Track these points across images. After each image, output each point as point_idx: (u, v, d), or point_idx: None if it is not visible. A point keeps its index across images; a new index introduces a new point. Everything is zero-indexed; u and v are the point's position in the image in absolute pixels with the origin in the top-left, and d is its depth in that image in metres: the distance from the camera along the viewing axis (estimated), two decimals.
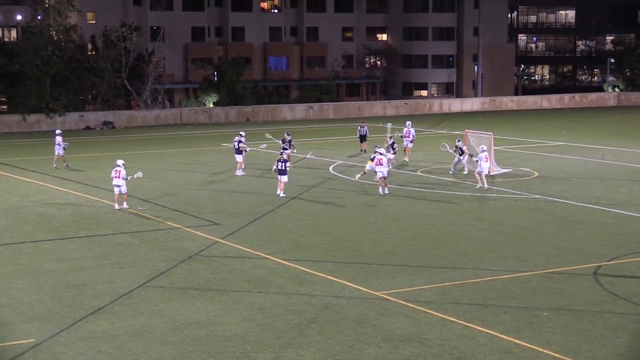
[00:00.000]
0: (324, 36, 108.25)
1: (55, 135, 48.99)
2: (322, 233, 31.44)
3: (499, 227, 32.32)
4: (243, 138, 45.16)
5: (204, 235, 30.98)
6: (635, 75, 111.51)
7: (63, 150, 48.34)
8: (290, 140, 48.46)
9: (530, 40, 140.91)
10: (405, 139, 50.30)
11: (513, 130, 66.80)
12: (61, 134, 49.31)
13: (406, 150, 49.99)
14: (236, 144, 44.80)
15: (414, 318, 21.68)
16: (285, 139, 48.17)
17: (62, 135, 49.34)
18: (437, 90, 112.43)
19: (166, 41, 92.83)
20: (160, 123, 77.47)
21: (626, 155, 52.98)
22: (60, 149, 48.28)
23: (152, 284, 24.90)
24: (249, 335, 20.51)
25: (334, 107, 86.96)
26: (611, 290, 24.14)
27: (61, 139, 48.48)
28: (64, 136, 49.48)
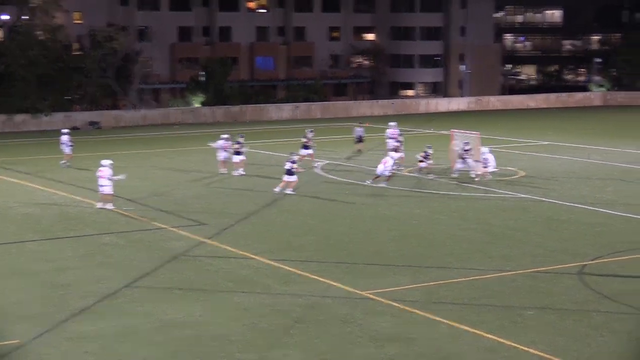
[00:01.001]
0: (311, 36, 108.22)
1: (62, 135, 49.02)
2: (308, 233, 31.46)
3: (485, 227, 32.39)
4: (242, 139, 45.27)
5: (190, 236, 30.96)
6: (621, 75, 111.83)
7: (70, 149, 48.35)
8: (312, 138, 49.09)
9: (517, 40, 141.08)
10: (390, 140, 49.93)
11: (499, 130, 66.93)
12: (69, 133, 49.33)
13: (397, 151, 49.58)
14: (237, 146, 44.84)
15: (400, 318, 21.72)
16: (307, 135, 48.90)
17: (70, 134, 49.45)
18: (424, 89, 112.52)
19: (153, 41, 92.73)
20: (147, 123, 77.33)
21: (612, 154, 53.15)
22: (68, 148, 48.24)
23: (138, 284, 24.87)
24: (235, 336, 20.50)
25: (321, 107, 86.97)
26: (596, 289, 24.23)
27: (68, 139, 48.45)
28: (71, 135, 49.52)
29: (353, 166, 48.22)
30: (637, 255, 28.20)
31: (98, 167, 36.32)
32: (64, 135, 48.89)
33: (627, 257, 27.93)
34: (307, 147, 48.02)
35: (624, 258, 27.77)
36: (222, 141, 45.23)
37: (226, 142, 45.15)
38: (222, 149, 45.16)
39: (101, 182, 35.58)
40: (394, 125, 51.13)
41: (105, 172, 35.56)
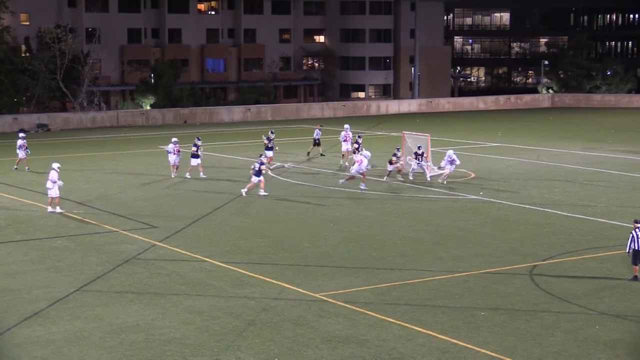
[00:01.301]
0: (262, 38, 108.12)
1: (18, 138, 48.40)
2: (260, 235, 31.40)
3: (435, 228, 32.57)
4: (199, 142, 44.89)
5: (141, 239, 30.75)
6: (569, 77, 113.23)
7: (25, 153, 47.70)
8: (273, 139, 48.73)
9: (466, 42, 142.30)
10: (344, 142, 49.84)
11: (450, 132, 67.36)
12: (25, 137, 48.69)
13: (345, 154, 49.56)
14: (195, 149, 44.40)
15: (353, 319, 21.76)
16: (270, 137, 48.50)
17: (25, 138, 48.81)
18: (375, 91, 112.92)
19: (102, 43, 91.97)
20: (97, 125, 76.69)
21: (560, 156, 53.75)
22: (22, 151, 47.63)
23: (88, 288, 24.65)
24: (188, 339, 20.41)
25: (272, 109, 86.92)
26: (546, 289, 24.48)
27: (23, 142, 47.80)
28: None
29: (304, 168, 48.22)
30: (586, 255, 28.54)
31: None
32: (21, 140, 48.19)
33: (577, 257, 28.26)
34: (269, 148, 47.61)
35: (574, 258, 28.09)
36: (172, 145, 44.75)
37: (175, 146, 44.66)
38: (172, 153, 44.73)
39: (47, 184, 35.27)
40: (348, 127, 51.07)
41: (51, 175, 35.16)
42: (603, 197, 39.16)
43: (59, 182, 35.38)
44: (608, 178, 44.97)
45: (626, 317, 22.01)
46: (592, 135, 66.08)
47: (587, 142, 61.03)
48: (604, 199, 38.67)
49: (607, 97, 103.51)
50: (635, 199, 38.81)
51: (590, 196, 39.49)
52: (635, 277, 25.12)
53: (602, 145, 59.11)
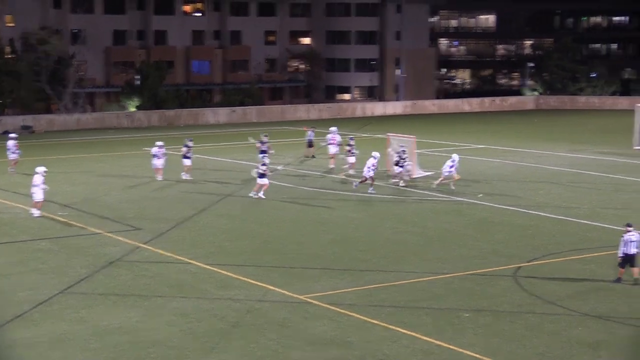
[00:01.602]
0: (247, 40, 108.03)
1: (8, 139, 48.24)
2: (245, 237, 31.39)
3: (420, 230, 32.63)
4: (191, 143, 44.79)
5: (125, 241, 30.70)
6: (553, 79, 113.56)
7: (17, 155, 47.52)
8: (267, 142, 47.94)
9: (452, 44, 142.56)
10: (330, 145, 49.56)
11: (435, 134, 67.46)
12: (16, 138, 48.56)
13: (333, 157, 49.35)
14: (185, 149, 44.31)
15: (338, 321, 21.78)
16: (263, 141, 47.84)
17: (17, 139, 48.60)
18: (360, 93, 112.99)
19: (87, 44, 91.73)
20: (82, 127, 76.45)
21: (544, 157, 53.91)
22: (13, 153, 47.47)
23: (73, 290, 24.59)
24: (172, 341, 20.39)
25: (257, 110, 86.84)
26: (530, 291, 24.56)
27: (13, 144, 47.63)
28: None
29: (292, 170, 48.22)
30: (569, 257, 28.65)
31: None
32: (10, 141, 48.09)
33: (560, 259, 28.36)
34: (263, 152, 46.52)
35: (557, 260, 28.20)
36: (156, 148, 44.26)
37: (160, 149, 44.24)
38: (156, 156, 44.32)
39: (32, 189, 35.04)
40: (335, 130, 50.68)
41: (36, 180, 34.93)
42: (586, 199, 39.32)
43: (42, 185, 35.06)
44: (591, 180, 45.15)
45: (609, 319, 22.11)
46: (576, 137, 66.29)
47: (572, 144, 61.23)
48: (587, 201, 38.82)
49: (592, 99, 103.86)
50: (618, 201, 38.99)
51: (573, 198, 39.64)
52: (619, 279, 25.24)
53: (586, 147, 59.31)
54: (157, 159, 44.23)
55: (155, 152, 44.24)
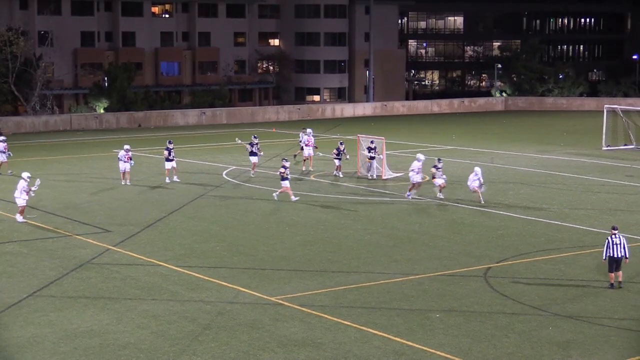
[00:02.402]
0: (216, 41, 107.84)
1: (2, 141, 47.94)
2: (215, 239, 31.32)
3: (391, 231, 32.68)
4: (171, 145, 44.03)
5: (95, 243, 30.52)
6: (522, 80, 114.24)
7: (6, 157, 47.28)
8: (257, 144, 46.59)
9: (420, 45, 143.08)
10: (306, 147, 49.28)
11: (405, 135, 67.65)
12: (5, 140, 48.25)
13: (309, 159, 48.98)
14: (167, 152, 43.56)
15: (309, 322, 21.77)
16: (252, 142, 46.37)
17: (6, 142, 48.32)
18: (330, 95, 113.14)
19: (55, 46, 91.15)
20: (50, 129, 75.99)
21: (513, 158, 54.21)
22: (4, 155, 47.20)
23: (42, 293, 24.41)
24: (143, 343, 20.29)
25: (227, 112, 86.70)
26: (500, 291, 24.67)
27: (3, 146, 47.37)
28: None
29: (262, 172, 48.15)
30: (539, 257, 28.80)
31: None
32: (1, 143, 47.71)
33: (530, 259, 28.51)
34: (253, 154, 46.07)
35: (527, 260, 28.34)
36: (123, 152, 43.51)
37: (127, 153, 43.40)
38: (123, 160, 43.40)
39: (15, 193, 34.45)
40: (310, 132, 50.42)
41: (20, 185, 34.37)
42: (555, 200, 39.57)
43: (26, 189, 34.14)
44: (560, 180, 45.44)
45: (579, 318, 22.25)
46: (545, 138, 66.71)
47: (540, 145, 61.61)
48: (557, 202, 39.07)
49: (560, 101, 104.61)
50: (587, 201, 39.26)
51: (543, 198, 39.87)
52: (612, 284, 24.91)
53: (555, 148, 59.70)
54: (122, 163, 43.57)
55: (121, 156, 43.64)
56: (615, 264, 24.76)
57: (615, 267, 24.79)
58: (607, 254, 24.81)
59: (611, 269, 24.86)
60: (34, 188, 34.63)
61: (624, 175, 47.31)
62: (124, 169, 43.61)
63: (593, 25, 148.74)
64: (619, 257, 24.65)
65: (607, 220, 34.57)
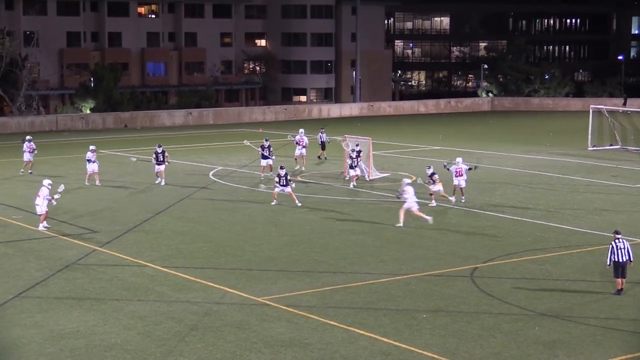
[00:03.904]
0: (203, 42, 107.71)
1: (25, 141, 47.77)
2: (202, 240, 31.27)
3: (377, 232, 32.69)
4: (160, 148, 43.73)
5: (81, 244, 30.44)
6: (508, 80, 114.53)
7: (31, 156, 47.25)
8: (269, 146, 45.63)
9: (407, 46, 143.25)
10: (298, 146, 49.36)
11: (391, 135, 67.70)
12: (31, 140, 48.08)
13: (302, 159, 48.98)
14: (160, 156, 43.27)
15: (295, 323, 21.76)
16: (264, 145, 45.56)
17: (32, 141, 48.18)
18: (316, 95, 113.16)
19: (40, 46, 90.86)
20: (35, 130, 75.69)
21: (500, 159, 54.31)
22: (29, 155, 47.14)
23: (27, 294, 24.33)
24: (129, 344, 20.25)
25: (213, 112, 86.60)
26: (487, 291, 24.71)
27: (28, 145, 47.37)
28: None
29: (248, 172, 48.13)
30: (525, 257, 28.86)
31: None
32: (28, 142, 47.74)
33: (516, 259, 28.56)
34: (265, 157, 45.37)
35: (513, 260, 28.39)
36: (90, 152, 43.38)
37: (94, 154, 43.33)
38: (90, 160, 43.33)
39: (37, 200, 33.57)
40: (302, 132, 50.41)
41: (41, 192, 33.67)
42: (542, 200, 39.66)
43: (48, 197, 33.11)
44: (547, 180, 45.56)
45: (565, 318, 22.30)
46: (531, 139, 66.87)
47: (527, 145, 61.75)
48: (543, 202, 39.16)
49: (545, 101, 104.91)
50: (573, 201, 39.37)
51: (529, 198, 39.96)
52: (619, 290, 24.53)
53: (541, 148, 59.85)
54: (91, 164, 43.31)
55: (89, 157, 43.35)
56: (620, 269, 24.38)
57: (620, 272, 24.41)
58: (611, 259, 24.36)
59: (617, 274, 24.46)
60: (56, 196, 33.64)
61: (609, 175, 47.46)
62: (92, 171, 43.38)
63: (579, 25, 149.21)
64: (624, 261, 24.34)
65: (594, 220, 34.70)
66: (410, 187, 33.76)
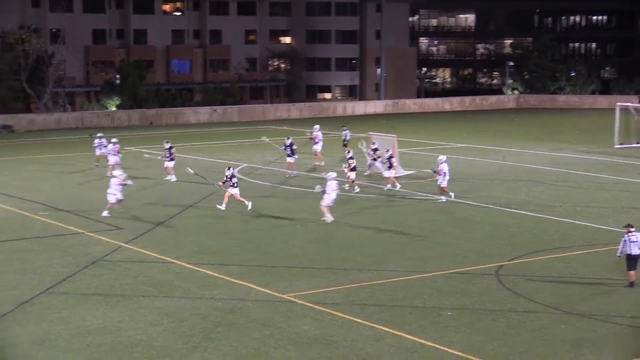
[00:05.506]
0: (227, 39, 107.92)
1: (98, 138, 48.78)
2: (227, 236, 31.34)
3: (403, 229, 32.64)
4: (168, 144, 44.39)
5: (108, 240, 30.58)
6: (533, 78, 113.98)
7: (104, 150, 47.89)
8: (291, 144, 45.48)
9: (432, 43, 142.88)
10: (314, 143, 49.54)
11: (416, 133, 67.57)
12: (102, 136, 49.05)
13: (317, 155, 49.45)
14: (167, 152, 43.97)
15: (321, 320, 21.77)
16: (286, 144, 45.57)
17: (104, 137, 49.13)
18: (341, 92, 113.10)
19: (66, 43, 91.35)
20: (62, 127, 76.15)
21: (525, 156, 54.10)
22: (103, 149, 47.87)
23: (55, 290, 24.48)
24: (155, 341, 20.33)
25: (238, 110, 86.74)
26: (512, 289, 24.63)
27: (99, 142, 48.32)
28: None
29: (272, 169, 48.17)
30: (551, 255, 28.74)
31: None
32: (100, 139, 48.66)
33: (542, 257, 28.45)
34: (290, 155, 45.24)
35: (539, 258, 28.28)
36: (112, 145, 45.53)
37: (115, 146, 45.52)
38: (111, 153, 45.36)
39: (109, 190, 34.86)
40: (317, 128, 50.59)
41: (113, 181, 34.98)
42: (568, 198, 39.47)
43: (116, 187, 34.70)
44: (573, 178, 45.33)
45: (591, 316, 22.20)
46: (557, 136, 66.56)
47: (552, 143, 61.47)
48: (569, 199, 38.97)
49: (572, 98, 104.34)
50: (599, 199, 39.15)
51: (555, 196, 39.78)
52: (631, 283, 24.62)
53: (567, 146, 59.56)
54: (112, 156, 45.29)
55: (110, 150, 45.47)
56: (633, 262, 24.50)
57: (633, 264, 24.54)
58: (622, 250, 24.62)
59: (629, 266, 24.62)
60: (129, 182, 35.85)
61: (636, 173, 47.16)
62: (114, 162, 45.08)
63: (605, 22, 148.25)
64: (637, 254, 24.42)
65: (620, 218, 34.47)
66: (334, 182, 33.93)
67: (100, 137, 49.10)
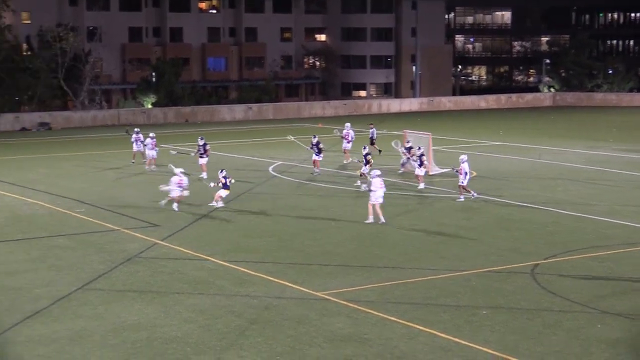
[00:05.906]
0: (263, 37, 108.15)
1: (136, 133, 49.44)
2: (262, 234, 31.39)
3: (438, 227, 32.53)
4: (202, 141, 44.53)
5: (143, 237, 30.74)
6: (570, 75, 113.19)
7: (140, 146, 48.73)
8: (317, 143, 45.27)
9: (467, 41, 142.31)
10: (344, 140, 49.86)
11: (451, 131, 67.35)
12: (139, 132, 49.73)
13: (345, 152, 49.67)
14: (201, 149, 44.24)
15: (355, 318, 21.74)
16: (312, 142, 45.46)
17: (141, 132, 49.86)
18: (376, 90, 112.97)
19: (103, 41, 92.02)
20: (98, 124, 76.72)
21: (562, 154, 53.74)
22: (140, 145, 48.67)
23: (90, 286, 24.64)
24: (190, 337, 20.40)
25: (273, 107, 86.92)
26: (548, 288, 24.45)
27: (136, 137, 49.05)
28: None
29: (305, 167, 48.19)
30: (587, 254, 28.51)
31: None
32: (137, 134, 49.35)
33: (578, 256, 28.23)
34: (317, 153, 45.14)
35: (575, 257, 28.07)
36: (149, 139, 47.09)
37: (152, 140, 47.10)
38: (149, 147, 47.06)
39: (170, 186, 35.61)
40: (349, 126, 50.72)
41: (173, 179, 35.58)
42: (605, 196, 39.15)
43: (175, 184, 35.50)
44: (610, 177, 44.95)
45: (628, 316, 21.98)
46: (594, 134, 66.06)
47: (589, 141, 61.01)
48: (606, 198, 38.65)
49: (609, 96, 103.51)
50: (637, 198, 38.79)
51: (592, 195, 39.48)
52: None
53: (604, 144, 59.09)
54: (149, 150, 46.91)
55: (147, 143, 47.07)
56: None
57: None
58: None
59: None
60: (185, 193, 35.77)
61: None
62: (151, 156, 46.94)
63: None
64: None
65: None
66: (378, 179, 33.06)
67: (137, 131, 49.49)
